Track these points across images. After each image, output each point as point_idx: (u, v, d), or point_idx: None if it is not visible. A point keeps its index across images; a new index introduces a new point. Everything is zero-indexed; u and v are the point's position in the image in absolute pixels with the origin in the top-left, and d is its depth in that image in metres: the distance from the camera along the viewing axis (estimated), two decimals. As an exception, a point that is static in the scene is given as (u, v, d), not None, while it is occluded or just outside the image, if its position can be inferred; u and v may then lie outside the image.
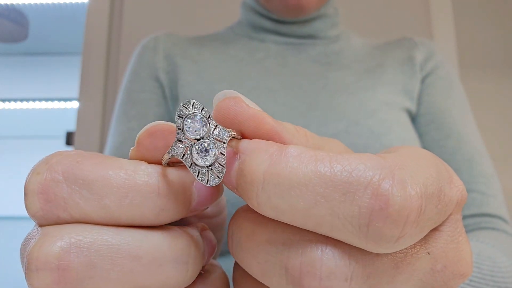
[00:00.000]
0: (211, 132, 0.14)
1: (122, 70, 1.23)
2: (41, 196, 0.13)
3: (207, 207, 0.15)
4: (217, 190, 0.15)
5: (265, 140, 0.14)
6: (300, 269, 0.12)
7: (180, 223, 0.16)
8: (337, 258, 0.12)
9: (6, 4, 2.08)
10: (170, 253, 0.14)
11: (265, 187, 0.12)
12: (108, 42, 1.27)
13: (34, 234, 0.13)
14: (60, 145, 2.04)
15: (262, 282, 0.14)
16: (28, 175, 0.14)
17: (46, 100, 2.48)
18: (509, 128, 1.23)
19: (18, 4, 2.12)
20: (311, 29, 0.52)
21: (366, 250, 0.12)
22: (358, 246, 0.12)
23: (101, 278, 0.13)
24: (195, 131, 0.14)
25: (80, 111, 1.22)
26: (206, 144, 0.14)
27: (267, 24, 0.52)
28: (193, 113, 0.14)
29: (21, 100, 2.50)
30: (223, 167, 0.14)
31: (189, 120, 0.14)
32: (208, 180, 0.13)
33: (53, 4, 2.16)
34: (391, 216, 0.11)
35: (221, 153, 0.14)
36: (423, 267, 0.13)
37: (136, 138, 0.15)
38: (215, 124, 0.14)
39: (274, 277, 0.13)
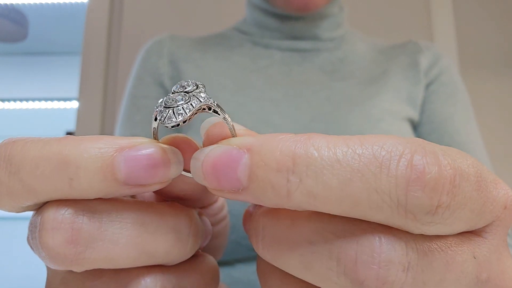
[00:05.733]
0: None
1: (122, 70, 1.23)
2: None
3: (151, 186, 0.14)
4: (154, 165, 0.14)
5: None
6: (356, 259, 0.12)
7: None
8: (396, 246, 0.12)
9: (6, 4, 2.07)
10: (174, 223, 0.15)
11: (296, 170, 0.12)
12: (108, 42, 1.27)
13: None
14: (60, 145, 2.03)
15: (302, 276, 0.13)
16: None
17: (46, 100, 2.48)
18: (509, 128, 1.23)
19: (18, 4, 2.12)
20: (316, 29, 0.52)
21: (420, 241, 0.12)
22: (397, 225, 0.12)
23: (111, 242, 0.14)
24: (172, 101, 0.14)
25: (79, 110, 1.21)
26: (176, 96, 0.14)
27: (272, 23, 0.52)
28: (179, 91, 0.14)
29: (21, 100, 2.50)
30: (186, 113, 0.13)
31: (171, 95, 0.14)
32: (164, 118, 0.13)
33: (53, 4, 2.16)
34: (428, 184, 0.11)
35: (191, 104, 0.14)
36: (469, 272, 0.13)
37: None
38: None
39: (321, 269, 0.12)
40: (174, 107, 0.14)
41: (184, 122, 0.14)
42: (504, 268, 0.14)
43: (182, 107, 0.14)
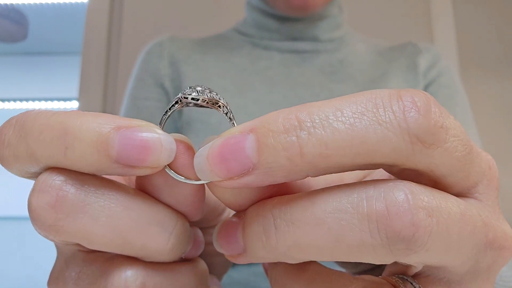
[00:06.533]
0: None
1: (122, 69, 1.23)
2: None
3: (141, 169, 0.14)
4: (146, 147, 0.14)
5: None
6: (388, 212, 0.12)
7: None
8: (418, 193, 0.12)
9: (6, 4, 2.08)
10: (159, 217, 0.15)
11: (303, 126, 0.13)
12: (107, 41, 1.27)
13: None
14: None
15: (334, 254, 0.13)
16: None
17: (46, 100, 2.49)
18: (509, 128, 1.23)
19: (18, 4, 2.12)
20: (315, 30, 0.52)
21: (433, 190, 0.13)
22: (406, 155, 0.13)
23: (91, 217, 0.14)
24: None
25: (79, 110, 1.22)
26: (197, 87, 0.15)
27: (272, 23, 0.52)
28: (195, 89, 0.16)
29: (21, 100, 2.50)
30: (204, 96, 0.15)
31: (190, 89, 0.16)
32: (187, 93, 0.15)
33: (53, 4, 2.16)
34: (421, 106, 0.13)
35: (213, 95, 0.15)
36: (480, 228, 0.13)
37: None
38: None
39: (354, 235, 0.12)
40: (197, 89, 0.15)
41: (203, 101, 0.15)
42: (505, 229, 0.14)
43: (204, 91, 0.15)
